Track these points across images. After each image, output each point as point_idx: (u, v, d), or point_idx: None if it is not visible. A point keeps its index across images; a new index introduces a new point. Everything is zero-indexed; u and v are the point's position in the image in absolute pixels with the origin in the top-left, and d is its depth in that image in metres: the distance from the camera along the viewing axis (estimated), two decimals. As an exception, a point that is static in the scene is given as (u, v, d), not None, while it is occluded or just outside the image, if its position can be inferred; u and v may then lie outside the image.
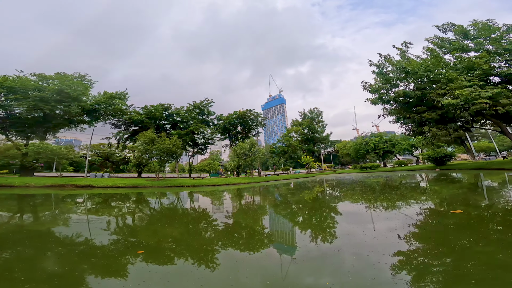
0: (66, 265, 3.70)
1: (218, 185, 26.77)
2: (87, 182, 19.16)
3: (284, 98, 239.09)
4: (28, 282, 2.94)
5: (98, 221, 7.22)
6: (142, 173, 34.29)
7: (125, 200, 13.17)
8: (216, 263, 3.65)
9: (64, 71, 29.50)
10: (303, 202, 10.33)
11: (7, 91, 24.56)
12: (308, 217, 7.27)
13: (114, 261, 3.84)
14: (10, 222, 7.19)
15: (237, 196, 14.86)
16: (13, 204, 11.04)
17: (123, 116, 34.53)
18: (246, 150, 34.12)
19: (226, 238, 5.13)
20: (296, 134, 64.72)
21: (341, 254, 3.69)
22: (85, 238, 5.25)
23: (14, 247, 4.63)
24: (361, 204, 8.73)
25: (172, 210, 9.55)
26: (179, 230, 5.93)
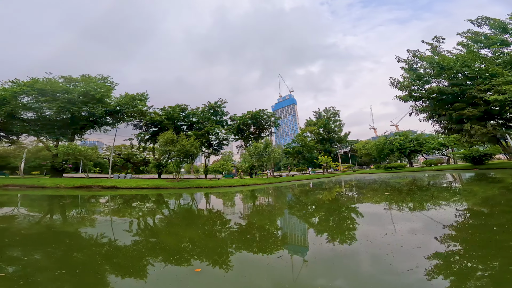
0: (94, 263, 3.82)
1: (234, 186, 26.71)
2: (112, 183, 19.52)
3: (295, 99, 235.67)
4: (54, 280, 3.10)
5: (134, 222, 7.35)
6: (162, 174, 35.08)
7: (152, 201, 13.26)
8: (254, 266, 3.67)
9: (88, 74, 30.44)
10: (338, 208, 9.18)
11: (38, 93, 25.50)
12: (351, 224, 6.39)
13: (151, 262, 3.86)
14: (43, 222, 7.29)
15: (258, 197, 14.78)
16: (46, 205, 11.21)
17: (143, 117, 35.02)
18: (261, 150, 33.67)
19: (261, 240, 5.04)
20: (311, 134, 63.33)
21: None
22: (122, 238, 5.38)
23: (46, 246, 4.83)
24: (420, 215, 6.89)
25: (201, 212, 9.43)
26: (213, 233, 5.93)
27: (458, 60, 22.21)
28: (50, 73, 27.75)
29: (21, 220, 7.39)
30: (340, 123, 66.49)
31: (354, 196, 12.72)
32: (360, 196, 12.41)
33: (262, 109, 45.49)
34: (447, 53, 24.37)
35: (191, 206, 11.64)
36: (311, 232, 5.75)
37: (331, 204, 9.73)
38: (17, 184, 17.25)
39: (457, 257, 3.58)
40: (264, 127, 44.69)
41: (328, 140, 65.41)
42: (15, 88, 25.17)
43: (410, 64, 25.06)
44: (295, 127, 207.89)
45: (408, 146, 49.56)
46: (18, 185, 17.01)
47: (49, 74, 27.74)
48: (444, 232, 4.75)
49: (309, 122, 68.22)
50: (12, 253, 4.47)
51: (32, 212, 9.06)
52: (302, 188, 20.49)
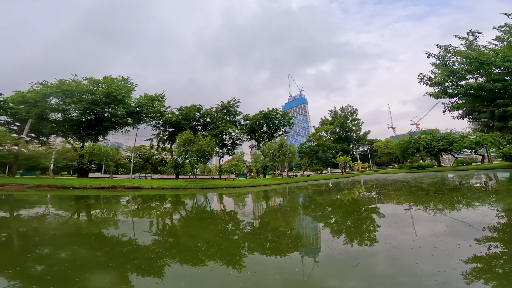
0: (138, 260, 4.06)
1: (250, 186, 26.65)
2: (135, 184, 19.87)
3: (306, 98, 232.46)
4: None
5: (163, 223, 7.57)
6: (179, 174, 35.73)
7: (180, 202, 13.45)
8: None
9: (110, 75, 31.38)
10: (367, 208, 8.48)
11: (65, 95, 26.48)
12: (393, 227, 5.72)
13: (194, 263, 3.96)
14: (85, 223, 7.50)
15: (280, 198, 14.75)
16: (77, 205, 11.38)
17: (162, 117, 35.55)
18: (275, 150, 33.18)
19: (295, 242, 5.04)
20: (326, 133, 62.18)
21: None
22: (163, 238, 5.71)
23: (95, 245, 5.07)
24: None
25: (226, 214, 9.35)
26: (248, 236, 5.93)
27: (498, 55, 20.82)
28: (75, 75, 28.93)
29: (59, 220, 7.56)
30: (358, 122, 64.91)
31: (392, 197, 11.68)
32: (402, 197, 10.84)
33: (275, 108, 45.04)
34: (482, 48, 22.75)
35: (221, 207, 11.74)
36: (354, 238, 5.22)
37: (374, 212, 8.15)
38: (48, 184, 17.94)
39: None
40: (277, 126, 44.24)
41: (346, 139, 63.95)
42: (44, 90, 26.26)
43: (443, 59, 23.61)
44: (306, 127, 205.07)
45: (436, 145, 47.16)
46: (49, 186, 17.72)
47: (74, 75, 28.90)
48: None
49: (325, 121, 66.92)
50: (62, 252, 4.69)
51: (73, 212, 9.17)
52: (324, 189, 19.89)
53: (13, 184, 17.61)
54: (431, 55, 24.04)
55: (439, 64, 23.81)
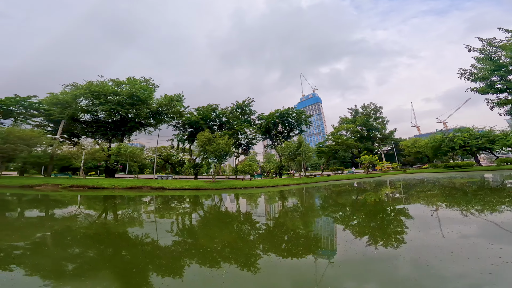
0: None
1: (267, 186, 26.35)
2: (159, 184, 20.21)
3: (320, 97, 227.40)
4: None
5: (205, 224, 7.84)
6: (198, 174, 36.40)
7: (203, 203, 13.51)
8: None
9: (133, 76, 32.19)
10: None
11: (93, 96, 27.50)
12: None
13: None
14: (105, 223, 7.60)
15: (303, 198, 14.50)
16: (114, 207, 11.28)
17: (181, 118, 36.06)
18: (293, 149, 32.59)
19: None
20: (347, 132, 60.56)
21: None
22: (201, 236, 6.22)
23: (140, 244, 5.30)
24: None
25: (257, 216, 9.09)
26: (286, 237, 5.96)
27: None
28: (101, 76, 30.05)
29: (105, 221, 7.60)
30: (383, 120, 62.51)
31: (453, 201, 9.78)
32: (467, 203, 8.81)
33: (291, 107, 44.30)
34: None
35: (252, 209, 11.60)
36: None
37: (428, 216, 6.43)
38: (80, 184, 18.63)
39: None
40: (293, 125, 43.54)
41: (369, 138, 62.03)
42: (75, 91, 27.44)
43: (487, 53, 21.86)
44: (321, 126, 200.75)
45: (475, 143, 43.82)
46: (81, 186, 18.41)
47: (101, 77, 29.98)
48: None
49: (344, 120, 65.23)
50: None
51: (114, 213, 9.17)
52: (350, 189, 19.08)
53: (48, 184, 18.58)
54: (472, 49, 22.39)
55: (483, 58, 22.00)
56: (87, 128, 30.68)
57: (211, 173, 46.15)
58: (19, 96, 29.38)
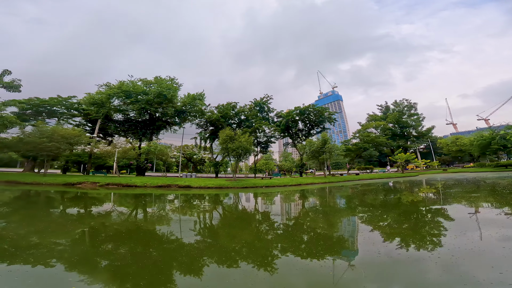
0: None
1: (290, 185, 26.12)
2: (186, 183, 20.93)
3: (340, 95, 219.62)
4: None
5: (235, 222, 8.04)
6: (218, 173, 37.21)
7: (231, 202, 13.75)
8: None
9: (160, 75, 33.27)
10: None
11: (124, 95, 28.85)
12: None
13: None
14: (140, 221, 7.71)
15: (334, 198, 13.75)
16: (146, 204, 11.29)
17: (203, 116, 36.74)
18: (318, 147, 31.76)
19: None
20: (376, 129, 58.12)
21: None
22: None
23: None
24: None
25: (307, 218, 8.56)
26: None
27: None
28: (132, 76, 31.40)
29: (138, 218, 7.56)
30: (418, 117, 59.57)
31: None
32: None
33: (312, 104, 43.13)
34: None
35: (280, 207, 11.67)
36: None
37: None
38: (115, 183, 19.86)
39: None
40: (314, 123, 42.44)
41: (403, 136, 59.27)
42: (108, 91, 28.95)
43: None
44: (342, 124, 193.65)
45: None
46: (116, 184, 19.60)
47: (131, 76, 31.35)
48: None
49: (373, 117, 62.89)
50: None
51: (159, 211, 9.21)
52: (389, 189, 17.81)
53: (88, 182, 19.96)
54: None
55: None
56: (119, 127, 32.62)
57: (228, 172, 47.00)
58: (61, 97, 31.84)
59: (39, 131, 23.47)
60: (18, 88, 25.89)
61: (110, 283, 3.41)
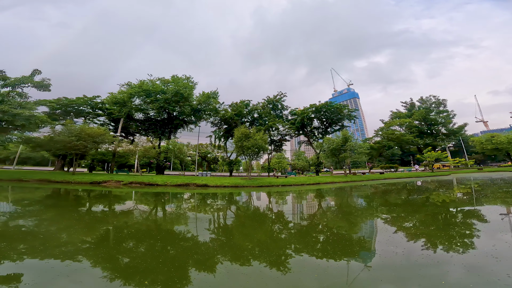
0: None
1: (308, 184, 25.41)
2: (203, 182, 21.09)
3: (356, 92, 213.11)
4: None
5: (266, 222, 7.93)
6: (232, 171, 37.41)
7: (251, 202, 13.58)
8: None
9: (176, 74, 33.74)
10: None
11: (145, 94, 29.68)
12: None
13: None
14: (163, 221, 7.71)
15: (357, 197, 13.01)
16: (169, 203, 11.24)
17: (217, 114, 37.00)
18: (337, 145, 30.67)
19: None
20: (400, 127, 55.83)
21: None
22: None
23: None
24: None
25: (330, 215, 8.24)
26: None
27: None
28: (151, 75, 32.29)
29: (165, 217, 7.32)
30: (448, 114, 56.66)
31: None
32: None
33: (329, 101, 41.81)
34: None
35: (301, 207, 11.40)
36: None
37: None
38: (138, 181, 20.30)
39: None
40: (332, 121, 41.10)
41: (431, 134, 56.58)
42: (130, 90, 29.92)
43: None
44: (358, 122, 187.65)
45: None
46: (138, 183, 20.07)
47: (150, 75, 32.25)
48: None
49: (397, 114, 60.72)
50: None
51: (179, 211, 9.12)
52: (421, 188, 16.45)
53: (112, 181, 20.21)
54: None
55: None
56: (140, 126, 33.89)
57: (240, 171, 47.14)
58: (86, 96, 33.57)
59: (68, 130, 24.51)
60: (48, 87, 26.70)
61: (141, 277, 3.58)
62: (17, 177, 20.83)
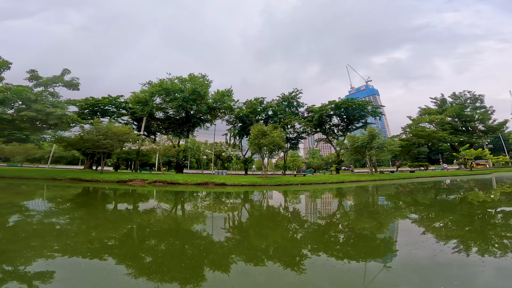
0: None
1: (330, 183, 24.43)
2: (221, 180, 21.11)
3: (376, 89, 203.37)
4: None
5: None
6: (247, 170, 37.28)
7: (272, 201, 13.26)
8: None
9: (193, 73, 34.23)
10: None
11: (165, 93, 30.28)
12: None
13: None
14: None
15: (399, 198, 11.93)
16: (194, 202, 11.03)
17: (232, 112, 36.98)
18: (364, 142, 29.06)
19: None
20: (430, 123, 52.93)
21: None
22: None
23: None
24: None
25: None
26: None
27: None
28: (170, 74, 33.09)
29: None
30: (486, 110, 52.79)
31: None
32: None
33: (351, 97, 39.88)
34: None
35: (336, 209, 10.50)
36: None
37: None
38: (161, 180, 20.63)
39: None
40: (354, 117, 39.23)
41: (467, 131, 53.42)
42: (151, 89, 30.67)
43: None
44: (380, 120, 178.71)
45: None
46: (161, 181, 20.37)
47: (169, 74, 33.04)
48: None
49: (427, 111, 58.12)
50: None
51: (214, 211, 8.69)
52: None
53: (138, 180, 20.76)
54: None
55: None
56: (161, 124, 34.84)
57: (253, 169, 46.73)
58: (111, 96, 35.09)
59: (96, 129, 25.67)
60: (77, 86, 27.66)
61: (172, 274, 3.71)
62: (51, 176, 22.11)
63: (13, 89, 22.44)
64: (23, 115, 21.21)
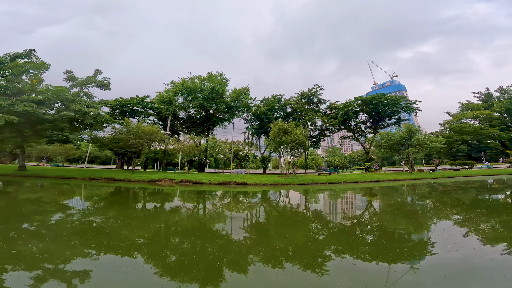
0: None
1: (362, 182, 23.12)
2: (242, 180, 20.93)
3: (403, 84, 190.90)
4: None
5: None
6: (266, 168, 36.64)
7: (305, 203, 12.71)
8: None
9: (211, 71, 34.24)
10: None
11: (187, 92, 30.80)
12: None
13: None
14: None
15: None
16: (224, 203, 10.85)
17: (250, 110, 36.81)
18: (401, 139, 27.16)
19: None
20: (474, 119, 48.60)
21: None
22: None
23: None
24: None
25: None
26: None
27: None
28: (190, 73, 33.60)
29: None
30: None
31: None
32: None
33: (382, 93, 37.15)
34: None
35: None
36: None
37: None
38: (186, 179, 20.90)
39: None
40: (385, 114, 36.61)
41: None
42: (174, 88, 31.27)
43: None
44: (407, 116, 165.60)
45: None
46: (187, 181, 20.59)
47: (190, 73, 33.54)
48: None
49: (470, 106, 53.36)
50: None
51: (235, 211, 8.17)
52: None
53: (166, 179, 20.90)
54: None
55: None
56: (184, 124, 35.73)
57: (269, 168, 45.61)
58: (138, 97, 36.67)
59: (126, 128, 26.71)
60: (109, 86, 28.33)
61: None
62: (89, 175, 23.61)
63: (53, 89, 23.51)
64: (63, 115, 22.13)
